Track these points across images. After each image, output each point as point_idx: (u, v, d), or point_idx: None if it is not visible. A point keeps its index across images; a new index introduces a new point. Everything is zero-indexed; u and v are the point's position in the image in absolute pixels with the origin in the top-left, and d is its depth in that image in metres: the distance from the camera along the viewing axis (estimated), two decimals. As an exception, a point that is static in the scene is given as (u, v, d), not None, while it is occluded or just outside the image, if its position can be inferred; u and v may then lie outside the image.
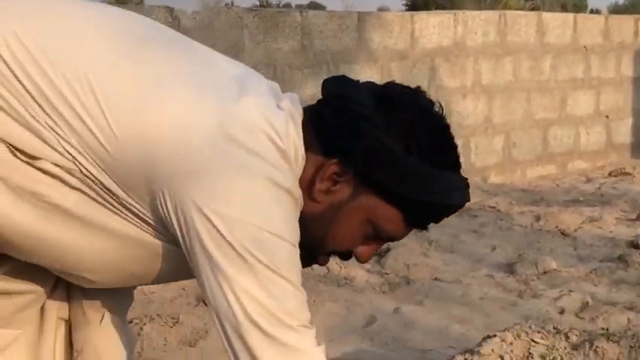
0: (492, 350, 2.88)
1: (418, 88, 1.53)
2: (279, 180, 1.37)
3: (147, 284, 1.60)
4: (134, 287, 1.75)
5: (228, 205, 1.34)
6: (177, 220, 1.37)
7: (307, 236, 1.44)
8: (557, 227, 5.86)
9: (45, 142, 1.36)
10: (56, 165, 1.37)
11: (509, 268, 4.95)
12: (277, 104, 1.44)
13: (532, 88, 8.28)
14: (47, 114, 1.35)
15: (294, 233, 1.40)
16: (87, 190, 1.40)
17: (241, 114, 1.38)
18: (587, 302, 4.33)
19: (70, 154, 1.37)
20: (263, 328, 1.36)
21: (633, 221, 6.11)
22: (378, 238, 1.53)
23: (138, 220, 1.43)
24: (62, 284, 1.65)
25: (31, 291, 1.60)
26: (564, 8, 15.24)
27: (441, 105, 1.53)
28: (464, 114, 7.63)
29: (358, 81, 1.53)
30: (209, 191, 1.34)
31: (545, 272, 4.86)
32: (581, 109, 8.83)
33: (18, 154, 1.36)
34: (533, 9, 10.88)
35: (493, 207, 6.50)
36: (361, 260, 1.56)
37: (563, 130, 8.69)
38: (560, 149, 8.70)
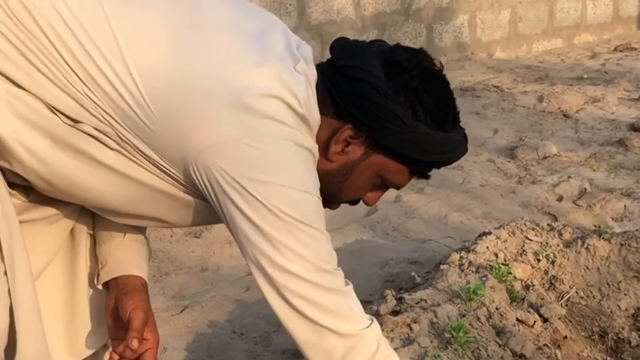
0: (487, 248, 2.97)
1: (421, 50, 1.64)
2: (301, 141, 1.49)
3: (175, 227, 1.71)
4: None
5: (259, 171, 1.46)
6: (212, 186, 1.49)
7: (322, 191, 1.58)
8: (559, 108, 5.90)
9: (84, 108, 1.46)
10: (96, 129, 1.48)
11: (510, 153, 5.02)
12: (295, 66, 1.54)
13: (540, -39, 8.16)
14: (84, 83, 1.44)
15: (317, 186, 1.54)
16: (124, 152, 1.50)
17: (262, 83, 1.48)
18: (585, 189, 4.42)
19: (108, 122, 1.47)
20: (302, 276, 1.50)
21: (635, 101, 6.13)
22: (385, 187, 1.68)
23: (171, 179, 1.54)
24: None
25: (60, 215, 1.69)
26: None
27: (441, 63, 1.65)
28: (470, -11, 7.55)
29: (367, 45, 1.64)
30: (239, 160, 1.46)
31: (545, 157, 4.93)
32: (589, -19, 8.72)
33: (60, 115, 1.46)
34: None
35: (497, 86, 6.51)
36: (369, 204, 1.73)
37: (570, 3, 8.60)
38: (567, 22, 8.63)
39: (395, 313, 2.61)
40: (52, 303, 1.74)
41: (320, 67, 1.61)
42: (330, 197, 1.63)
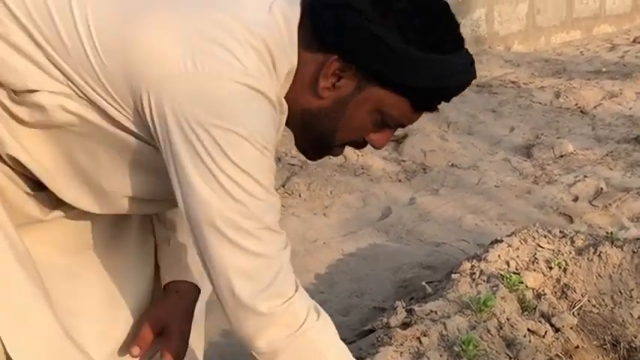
0: (499, 256, 2.97)
1: None
2: (252, 83, 1.41)
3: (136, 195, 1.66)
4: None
5: (200, 107, 1.40)
6: (155, 122, 1.43)
7: (317, 130, 1.55)
8: (576, 105, 5.87)
9: (44, 71, 1.45)
10: (52, 92, 1.46)
11: (526, 151, 5.01)
12: (271, 4, 1.48)
13: (558, -47, 8.11)
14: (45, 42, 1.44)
15: (267, 135, 1.45)
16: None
17: (220, 21, 1.43)
18: (602, 189, 4.40)
19: (67, 78, 1.45)
20: (223, 232, 1.44)
21: (653, 96, 6.10)
22: (388, 125, 1.58)
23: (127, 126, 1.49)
24: None
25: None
26: None
27: None
28: (487, -18, 7.52)
29: None
30: (183, 94, 1.40)
31: (561, 156, 4.91)
32: (608, -28, 8.66)
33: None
34: None
35: (514, 82, 6.49)
36: (376, 146, 1.62)
37: (589, -6, 8.56)
38: (586, 13, 8.58)
39: (405, 325, 2.61)
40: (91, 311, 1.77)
41: (304, 3, 1.52)
42: (328, 138, 1.57)
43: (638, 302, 2.90)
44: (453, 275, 2.90)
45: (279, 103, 1.49)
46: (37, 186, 1.60)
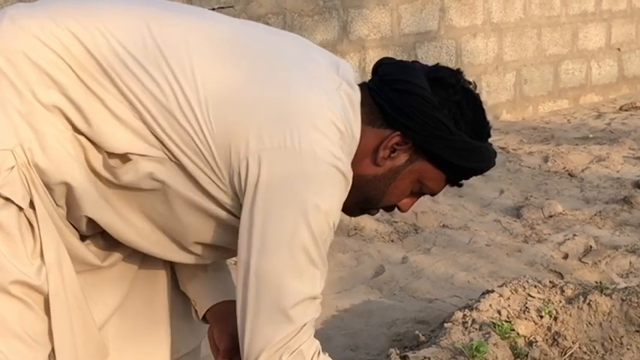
0: (490, 306, 3.03)
1: (459, 70, 1.79)
2: (338, 165, 1.61)
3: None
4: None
5: (303, 187, 1.59)
6: (250, 184, 1.59)
7: (367, 194, 1.74)
8: (564, 168, 5.97)
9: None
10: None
11: (516, 212, 5.08)
12: (337, 88, 1.68)
13: (543, 24, 8.28)
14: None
15: (338, 213, 1.66)
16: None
17: (313, 106, 1.63)
18: (591, 246, 4.47)
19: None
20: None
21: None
22: (420, 193, 1.80)
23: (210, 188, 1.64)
24: None
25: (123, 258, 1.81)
26: None
27: (475, 84, 1.81)
28: (474, 53, 7.67)
29: (411, 63, 1.79)
30: (286, 170, 1.58)
31: (550, 216, 4.99)
32: (593, 43, 8.83)
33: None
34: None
35: (503, 147, 6.59)
36: (403, 209, 1.83)
37: (575, 65, 8.71)
38: (572, 83, 8.73)
39: (399, 371, 2.66)
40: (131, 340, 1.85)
41: (364, 85, 1.75)
42: (373, 201, 1.77)
43: (628, 349, 2.96)
44: (445, 324, 2.96)
45: (350, 177, 1.67)
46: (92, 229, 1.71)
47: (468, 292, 3.87)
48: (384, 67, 1.78)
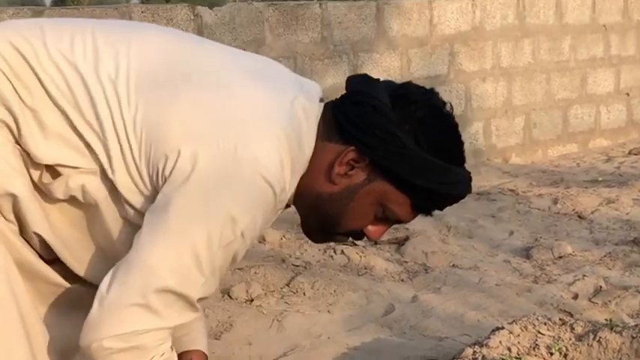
0: (500, 342, 3.03)
1: (432, 90, 1.73)
2: (263, 173, 1.54)
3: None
4: None
5: (223, 186, 1.54)
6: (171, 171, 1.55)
7: (324, 214, 1.67)
8: (574, 210, 5.98)
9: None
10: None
11: (526, 253, 5.09)
12: (293, 100, 1.62)
13: (552, 69, 8.35)
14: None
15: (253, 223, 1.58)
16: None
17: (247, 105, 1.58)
18: (601, 287, 4.47)
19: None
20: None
21: (649, 202, 6.22)
22: (387, 220, 1.72)
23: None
24: None
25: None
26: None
27: (451, 105, 1.71)
28: (484, 97, 7.73)
29: (379, 79, 1.72)
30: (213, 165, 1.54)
31: (560, 257, 5.00)
32: (602, 88, 8.89)
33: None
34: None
35: (512, 190, 6.62)
36: (372, 237, 1.75)
37: (584, 109, 8.77)
38: (581, 128, 8.78)
39: (410, 405, 2.66)
40: None
41: (330, 102, 1.70)
42: (332, 222, 1.69)
43: (638, 386, 2.96)
44: (455, 360, 2.97)
45: (281, 190, 1.60)
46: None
47: (478, 331, 3.87)
48: (349, 81, 1.73)
